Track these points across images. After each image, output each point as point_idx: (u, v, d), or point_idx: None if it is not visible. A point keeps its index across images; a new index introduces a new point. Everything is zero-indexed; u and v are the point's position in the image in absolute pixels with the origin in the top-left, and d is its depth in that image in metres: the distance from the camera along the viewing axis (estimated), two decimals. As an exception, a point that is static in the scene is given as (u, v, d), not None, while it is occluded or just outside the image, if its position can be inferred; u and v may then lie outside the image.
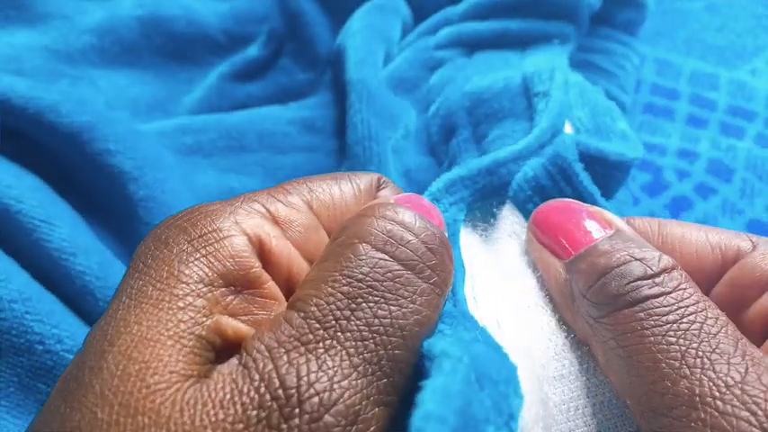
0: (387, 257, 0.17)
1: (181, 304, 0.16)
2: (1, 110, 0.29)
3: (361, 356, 0.15)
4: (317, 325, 0.15)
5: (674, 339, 0.17)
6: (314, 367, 0.14)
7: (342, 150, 0.34)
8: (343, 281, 0.16)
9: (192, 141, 0.34)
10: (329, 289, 0.16)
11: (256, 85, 0.39)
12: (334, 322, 0.15)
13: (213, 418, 0.14)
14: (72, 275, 0.25)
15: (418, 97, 0.35)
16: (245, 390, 0.14)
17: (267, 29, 0.40)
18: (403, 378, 0.16)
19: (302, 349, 0.15)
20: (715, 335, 0.17)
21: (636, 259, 0.19)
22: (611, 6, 0.37)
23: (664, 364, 0.17)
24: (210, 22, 0.39)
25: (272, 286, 0.18)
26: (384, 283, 0.16)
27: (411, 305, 0.16)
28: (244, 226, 0.18)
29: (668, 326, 0.17)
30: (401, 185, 0.28)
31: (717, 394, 0.15)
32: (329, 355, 0.15)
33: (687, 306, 0.18)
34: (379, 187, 0.22)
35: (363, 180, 0.22)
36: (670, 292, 0.18)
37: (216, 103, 0.38)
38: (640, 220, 0.22)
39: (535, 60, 0.32)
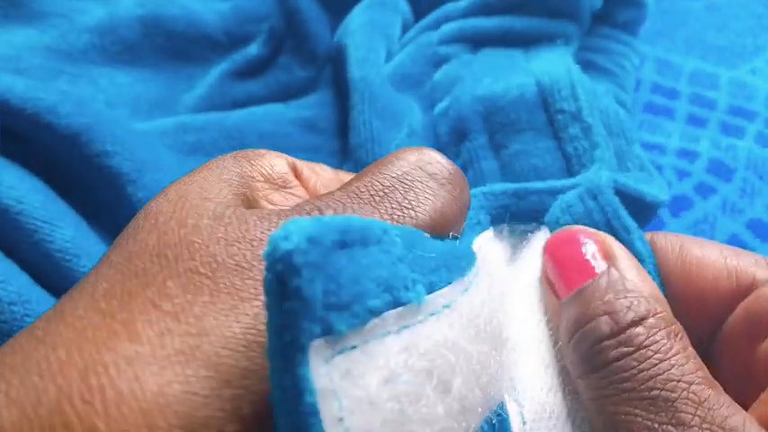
0: (418, 168, 0.19)
1: (230, 174, 0.19)
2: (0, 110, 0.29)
3: (389, 218, 0.18)
4: (356, 196, 0.18)
5: (629, 409, 0.17)
6: (350, 213, 0.17)
7: (343, 151, 0.34)
8: (380, 176, 0.19)
9: (193, 140, 0.34)
10: (367, 179, 0.19)
11: (257, 83, 0.39)
12: (369, 197, 0.18)
13: (257, 224, 0.16)
14: (76, 277, 0.25)
15: (422, 94, 0.35)
16: (290, 213, 0.17)
17: (267, 27, 0.40)
18: None
19: (341, 206, 0.18)
20: (673, 402, 0.17)
21: (606, 313, 0.19)
22: (612, 6, 0.37)
23: None
24: (211, 22, 0.39)
25: (302, 190, 0.21)
26: (414, 182, 0.19)
27: (435, 201, 0.19)
28: (281, 155, 0.21)
29: (626, 394, 0.18)
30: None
31: None
32: (363, 212, 0.18)
33: (648, 369, 0.18)
34: None
35: None
36: (632, 353, 0.18)
37: (216, 102, 0.37)
38: (665, 237, 0.23)
39: (544, 65, 0.32)
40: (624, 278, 0.20)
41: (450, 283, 0.16)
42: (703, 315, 0.21)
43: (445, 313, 0.16)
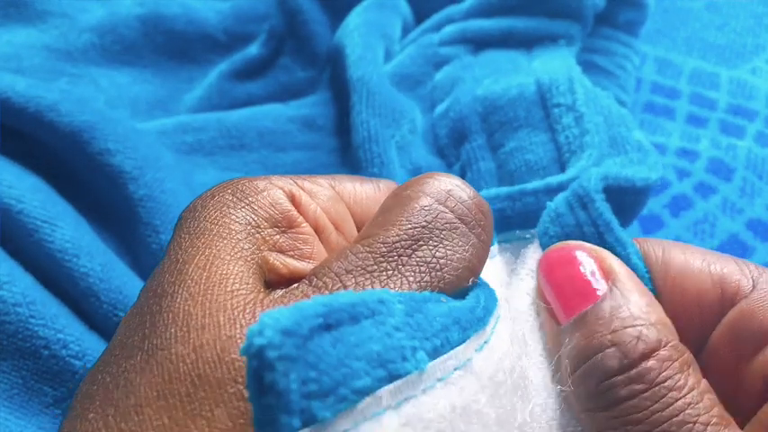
0: (447, 210, 0.19)
1: (239, 237, 0.18)
2: (1, 109, 0.29)
3: (417, 284, 0.17)
4: (381, 258, 0.17)
5: None
6: (378, 288, 0.16)
7: (343, 149, 0.34)
8: (408, 225, 0.18)
9: (193, 140, 0.34)
10: (395, 230, 0.18)
11: (257, 83, 0.39)
12: (396, 257, 0.17)
13: None
14: (75, 277, 0.25)
15: (422, 94, 0.35)
16: (306, 294, 0.16)
17: (267, 27, 0.40)
18: None
19: (368, 275, 0.17)
20: None
21: (613, 344, 0.18)
22: (613, 6, 0.37)
23: None
24: (211, 21, 0.39)
25: (307, 226, 0.20)
26: (443, 231, 0.18)
27: (464, 253, 0.18)
28: (277, 183, 0.20)
29: None
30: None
31: None
32: (391, 281, 0.17)
33: (662, 410, 0.17)
34: None
35: (383, 182, 0.23)
36: (644, 391, 0.17)
37: (216, 102, 0.37)
38: (646, 243, 0.22)
39: (546, 65, 0.31)
40: (628, 301, 0.19)
41: (464, 342, 0.16)
42: (690, 325, 0.20)
43: (455, 377, 0.15)
